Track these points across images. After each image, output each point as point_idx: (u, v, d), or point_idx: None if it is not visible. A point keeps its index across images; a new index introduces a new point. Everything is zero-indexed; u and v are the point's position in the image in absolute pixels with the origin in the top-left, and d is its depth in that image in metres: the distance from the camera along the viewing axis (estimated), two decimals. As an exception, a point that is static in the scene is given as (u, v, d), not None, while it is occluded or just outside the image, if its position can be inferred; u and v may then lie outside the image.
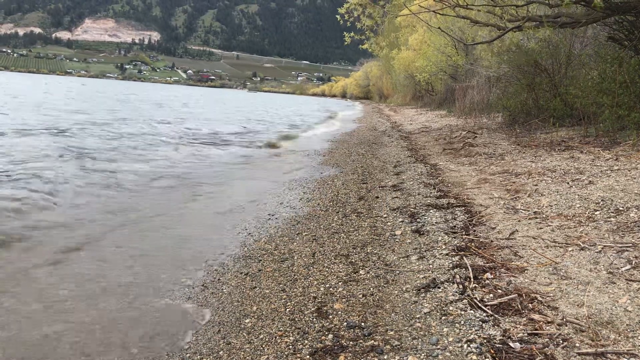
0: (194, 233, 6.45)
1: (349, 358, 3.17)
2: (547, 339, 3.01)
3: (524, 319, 3.28)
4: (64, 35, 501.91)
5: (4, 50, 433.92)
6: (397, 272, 4.55)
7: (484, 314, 3.40)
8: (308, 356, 3.26)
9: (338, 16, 15.08)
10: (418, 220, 6.13)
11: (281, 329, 3.69)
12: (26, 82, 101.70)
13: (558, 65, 12.81)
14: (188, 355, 3.47)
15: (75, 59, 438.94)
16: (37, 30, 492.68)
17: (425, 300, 3.82)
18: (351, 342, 3.36)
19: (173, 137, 18.05)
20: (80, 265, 5.12)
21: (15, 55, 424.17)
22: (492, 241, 4.92)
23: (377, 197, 7.83)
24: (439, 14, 13.10)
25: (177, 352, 3.54)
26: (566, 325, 3.14)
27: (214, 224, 6.91)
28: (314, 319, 3.78)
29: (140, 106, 40.00)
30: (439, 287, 3.99)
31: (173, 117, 29.10)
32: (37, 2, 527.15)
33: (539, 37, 13.20)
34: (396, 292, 4.12)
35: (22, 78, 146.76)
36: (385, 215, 6.64)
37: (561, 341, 2.97)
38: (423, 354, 3.06)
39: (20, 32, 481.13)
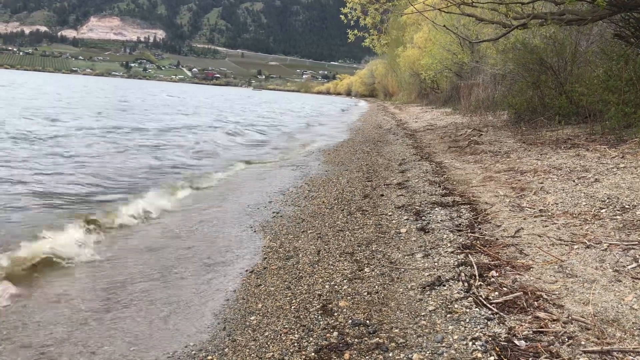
0: (199, 231, 6.47)
1: (354, 355, 3.18)
2: (553, 337, 3.01)
3: (530, 316, 3.28)
4: (70, 33, 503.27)
5: (10, 48, 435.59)
6: (402, 269, 4.55)
7: (489, 312, 3.40)
8: (313, 353, 3.26)
9: (342, 16, 15.06)
10: (423, 218, 6.13)
11: (286, 326, 3.70)
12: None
13: (564, 63, 12.75)
14: (194, 352, 3.48)
15: (80, 57, 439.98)
16: (43, 28, 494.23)
17: (430, 298, 3.82)
18: (356, 340, 3.37)
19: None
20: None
21: (21, 53, 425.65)
22: (497, 239, 4.91)
23: (382, 195, 7.83)
24: (444, 12, 13.07)
25: (182, 347, 3.55)
26: (572, 323, 3.14)
27: (218, 222, 6.92)
28: (319, 317, 3.79)
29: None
30: (444, 285, 3.99)
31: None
32: (43, 1, 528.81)
33: (544, 35, 13.14)
34: (401, 289, 4.12)
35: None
36: (390, 213, 6.63)
37: (567, 339, 2.97)
38: (428, 352, 3.06)
39: (27, 30, 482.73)
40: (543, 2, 12.48)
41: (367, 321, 3.63)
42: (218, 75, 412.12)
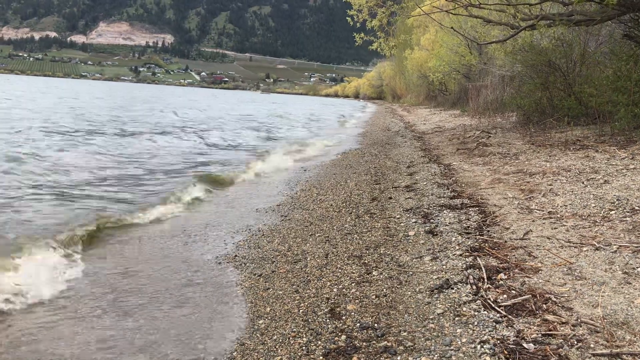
0: (206, 233, 6.49)
1: (362, 359, 3.18)
2: (562, 340, 2.99)
3: (538, 319, 3.27)
4: (79, 38, 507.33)
5: (21, 54, 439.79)
6: (410, 273, 4.55)
7: (498, 315, 3.39)
8: (321, 357, 3.27)
9: (349, 18, 15.08)
10: (431, 220, 6.12)
11: (294, 330, 3.70)
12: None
13: (572, 64, 12.69)
14: (203, 355, 3.49)
15: (89, 62, 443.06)
16: (53, 34, 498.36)
17: (438, 301, 3.81)
18: (364, 343, 3.37)
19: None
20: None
21: (31, 59, 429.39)
22: (506, 241, 4.89)
23: (390, 198, 7.82)
24: (452, 13, 13.05)
25: (192, 349, 3.56)
26: (581, 326, 3.12)
27: (227, 225, 6.94)
28: (327, 320, 3.79)
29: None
30: (452, 288, 3.99)
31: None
32: (53, 7, 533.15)
33: (552, 36, 13.08)
34: (409, 293, 4.12)
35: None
36: (398, 216, 6.63)
37: (576, 342, 2.95)
38: (436, 355, 3.05)
39: (36, 36, 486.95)
40: (551, 3, 12.43)
41: (376, 324, 3.63)
42: (226, 79, 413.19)
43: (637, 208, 5.18)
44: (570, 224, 5.10)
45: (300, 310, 4.02)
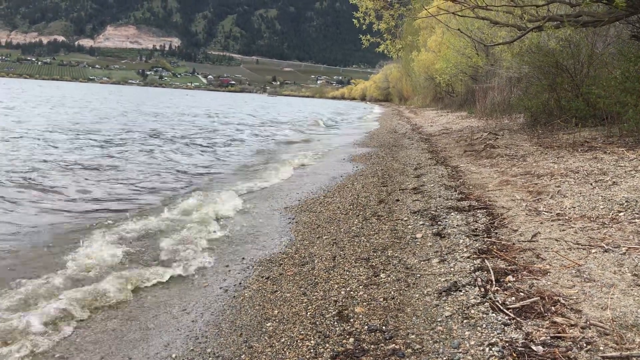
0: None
1: (370, 361, 3.18)
2: (571, 342, 2.98)
3: (547, 322, 3.25)
4: (87, 42, 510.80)
5: (29, 58, 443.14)
6: (418, 275, 4.54)
7: (506, 317, 3.38)
8: (329, 360, 3.27)
9: (355, 20, 15.07)
10: (439, 223, 6.10)
11: (302, 332, 3.70)
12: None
13: (580, 65, 12.64)
14: (211, 358, 3.50)
15: (97, 66, 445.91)
16: (61, 38, 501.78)
17: (446, 304, 3.81)
18: (372, 346, 3.37)
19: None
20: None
21: (39, 63, 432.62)
22: (514, 243, 4.88)
23: (398, 200, 7.81)
24: (458, 15, 13.04)
25: (200, 354, 3.58)
26: (590, 329, 3.11)
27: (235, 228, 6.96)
28: (335, 323, 3.79)
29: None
30: (460, 290, 3.98)
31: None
32: (61, 11, 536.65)
33: (559, 37, 13.03)
34: (417, 295, 4.11)
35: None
36: (405, 218, 6.62)
37: (585, 344, 2.94)
38: (445, 358, 3.05)
39: (45, 40, 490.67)
40: (558, 4, 12.39)
41: (383, 327, 3.63)
42: (233, 82, 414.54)
43: (646, 210, 5.15)
44: (579, 225, 5.08)
45: (308, 313, 4.03)
